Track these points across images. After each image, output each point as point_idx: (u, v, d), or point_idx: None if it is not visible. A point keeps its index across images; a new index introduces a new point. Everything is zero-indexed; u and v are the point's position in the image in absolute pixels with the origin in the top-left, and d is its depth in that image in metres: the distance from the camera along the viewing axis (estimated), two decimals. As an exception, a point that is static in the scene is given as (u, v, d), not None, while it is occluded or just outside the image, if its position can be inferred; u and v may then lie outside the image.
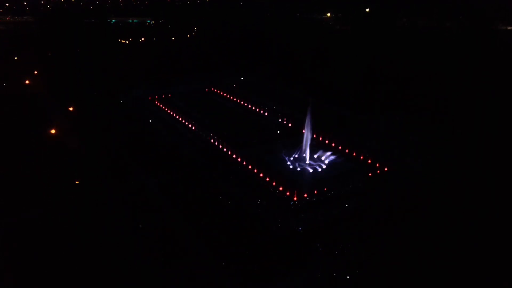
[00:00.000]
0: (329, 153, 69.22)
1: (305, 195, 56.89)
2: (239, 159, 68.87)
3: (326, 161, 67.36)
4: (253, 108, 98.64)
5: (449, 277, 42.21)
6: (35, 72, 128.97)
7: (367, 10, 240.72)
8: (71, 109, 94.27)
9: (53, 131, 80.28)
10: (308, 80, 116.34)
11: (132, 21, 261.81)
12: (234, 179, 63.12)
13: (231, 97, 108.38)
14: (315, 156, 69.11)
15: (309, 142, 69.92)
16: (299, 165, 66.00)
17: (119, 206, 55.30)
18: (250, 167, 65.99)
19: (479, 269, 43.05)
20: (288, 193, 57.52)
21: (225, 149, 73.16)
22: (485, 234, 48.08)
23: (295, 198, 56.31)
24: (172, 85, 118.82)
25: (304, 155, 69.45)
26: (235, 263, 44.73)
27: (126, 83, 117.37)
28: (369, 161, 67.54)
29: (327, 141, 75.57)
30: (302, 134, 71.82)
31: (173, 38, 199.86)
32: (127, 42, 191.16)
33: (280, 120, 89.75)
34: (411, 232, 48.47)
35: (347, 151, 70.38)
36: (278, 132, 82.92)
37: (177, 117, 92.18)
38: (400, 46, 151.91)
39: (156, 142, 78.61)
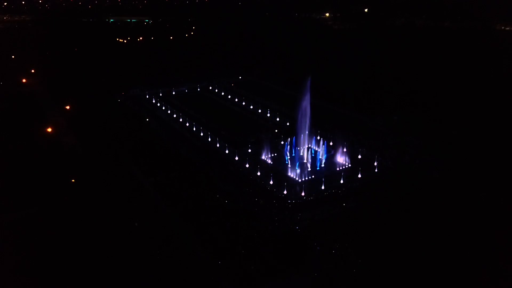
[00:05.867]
0: (325, 150, 68.84)
1: (302, 194, 56.64)
2: (236, 158, 68.53)
3: (323, 159, 67.03)
4: (251, 107, 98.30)
5: (447, 276, 41.97)
6: (32, 71, 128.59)
7: (366, 10, 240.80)
8: (68, 107, 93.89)
9: (49, 130, 79.91)
10: (306, 80, 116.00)
11: (131, 20, 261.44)
12: (231, 178, 62.76)
13: (229, 96, 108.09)
14: (313, 154, 68.87)
15: (306, 140, 69.88)
16: (298, 164, 65.63)
17: (115, 205, 54.86)
18: (247, 165, 65.67)
19: (478, 269, 42.81)
20: (285, 192, 57.16)
21: (222, 148, 72.79)
22: (484, 233, 47.88)
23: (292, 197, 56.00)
24: (170, 84, 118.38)
25: (301, 154, 69.26)
26: (232, 262, 44.38)
27: (123, 82, 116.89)
28: (367, 160, 67.28)
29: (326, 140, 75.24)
30: (300, 133, 71.54)
31: (171, 38, 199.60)
32: (125, 41, 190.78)
33: (278, 119, 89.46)
34: (409, 231, 48.17)
35: (345, 150, 69.96)
36: (276, 131, 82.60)
37: (175, 116, 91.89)
38: (399, 46, 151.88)
39: (153, 141, 78.23)
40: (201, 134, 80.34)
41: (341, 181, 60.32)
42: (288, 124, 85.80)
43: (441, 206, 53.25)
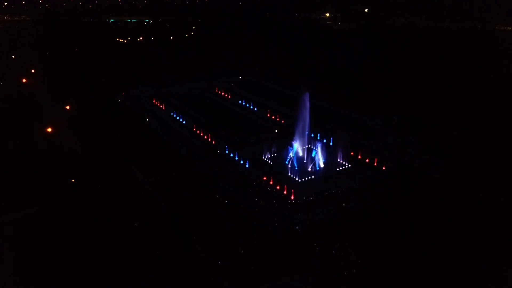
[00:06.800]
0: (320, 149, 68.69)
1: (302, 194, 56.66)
2: (236, 158, 68.53)
3: (322, 159, 66.97)
4: (251, 107, 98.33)
5: (447, 276, 41.97)
6: (32, 71, 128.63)
7: (366, 10, 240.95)
8: (68, 107, 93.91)
9: (49, 130, 79.93)
10: (306, 80, 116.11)
11: (131, 20, 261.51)
12: (231, 178, 62.78)
13: (229, 96, 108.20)
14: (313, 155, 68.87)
15: (306, 141, 69.98)
16: (297, 164, 65.64)
17: (115, 205, 54.88)
18: (247, 166, 65.67)
19: (478, 269, 42.81)
20: (285, 192, 57.20)
21: (222, 148, 72.78)
22: (484, 233, 47.87)
23: (292, 197, 56.00)
24: (170, 84, 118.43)
25: (301, 154, 69.28)
26: (232, 262, 44.38)
27: (123, 82, 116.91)
28: (367, 160, 67.34)
29: (325, 141, 75.27)
30: (299, 133, 71.56)
31: (171, 38, 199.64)
32: (125, 41, 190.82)
33: (278, 119, 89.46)
34: (409, 232, 48.17)
35: (345, 150, 69.96)
36: (276, 131, 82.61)
37: (175, 116, 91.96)
38: (399, 46, 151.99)
39: (153, 141, 78.26)
40: (201, 134, 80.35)
41: (340, 181, 60.31)
42: (287, 124, 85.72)
43: (441, 206, 53.23)
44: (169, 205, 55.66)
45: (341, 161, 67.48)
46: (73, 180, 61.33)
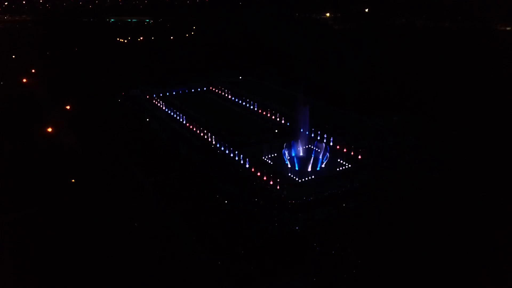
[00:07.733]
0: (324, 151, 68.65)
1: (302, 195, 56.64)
2: (236, 158, 68.51)
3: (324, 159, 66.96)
4: (251, 107, 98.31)
5: (447, 276, 41.95)
6: (32, 71, 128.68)
7: (366, 10, 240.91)
8: (68, 107, 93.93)
9: (49, 130, 79.95)
10: (306, 80, 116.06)
11: (131, 20, 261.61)
12: (231, 178, 62.77)
13: (229, 96, 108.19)
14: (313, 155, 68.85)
15: (306, 141, 69.95)
16: (298, 164, 65.62)
17: (115, 205, 54.87)
18: (247, 166, 65.67)
19: (478, 269, 42.79)
20: (285, 192, 57.12)
21: (222, 148, 72.80)
22: (484, 233, 47.85)
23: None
24: (170, 84, 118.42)
25: (301, 154, 69.26)
26: (232, 262, 44.36)
27: (123, 82, 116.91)
28: (367, 160, 67.29)
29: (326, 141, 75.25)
30: (299, 133, 71.58)
31: (171, 38, 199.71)
32: (125, 41, 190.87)
33: (278, 119, 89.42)
34: (409, 232, 48.15)
35: (345, 150, 69.98)
36: (276, 131, 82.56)
37: (175, 116, 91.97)
38: (399, 46, 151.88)
39: (153, 141, 78.25)
40: (201, 134, 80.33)
41: (340, 181, 60.28)
42: (288, 124, 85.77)
43: (441, 206, 53.21)
44: (169, 205, 55.67)
45: (341, 161, 67.42)
46: (73, 180, 61.33)
